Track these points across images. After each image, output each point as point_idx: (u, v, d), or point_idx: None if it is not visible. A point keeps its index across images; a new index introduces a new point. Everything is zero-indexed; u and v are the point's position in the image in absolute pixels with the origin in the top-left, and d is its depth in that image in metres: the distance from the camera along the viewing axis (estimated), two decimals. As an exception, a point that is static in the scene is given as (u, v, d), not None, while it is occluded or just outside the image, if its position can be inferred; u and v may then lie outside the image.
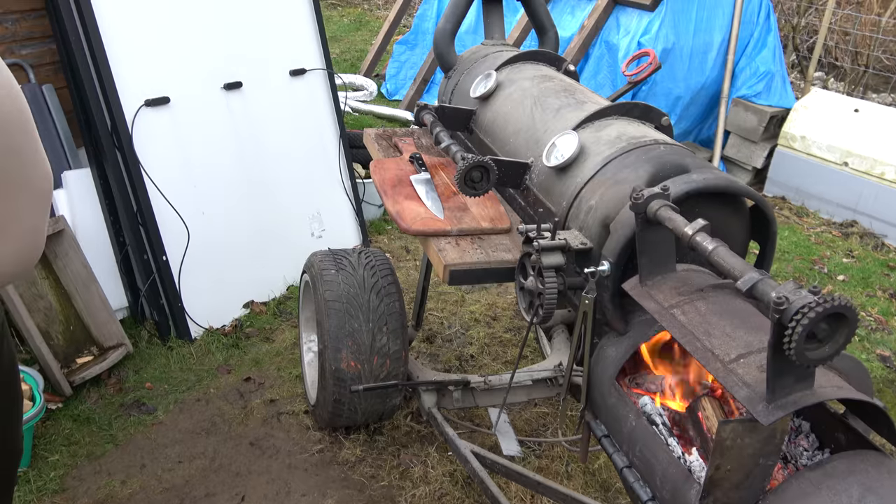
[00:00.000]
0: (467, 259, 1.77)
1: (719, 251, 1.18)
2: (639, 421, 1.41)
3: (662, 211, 1.31)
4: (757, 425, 1.08)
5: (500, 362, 3.18)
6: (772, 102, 5.21)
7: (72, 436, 2.62)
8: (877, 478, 1.12)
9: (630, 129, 1.75)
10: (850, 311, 0.98)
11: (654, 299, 1.38)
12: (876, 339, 3.61)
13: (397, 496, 2.45)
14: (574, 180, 1.69)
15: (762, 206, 1.54)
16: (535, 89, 2.09)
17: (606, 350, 1.55)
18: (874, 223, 4.75)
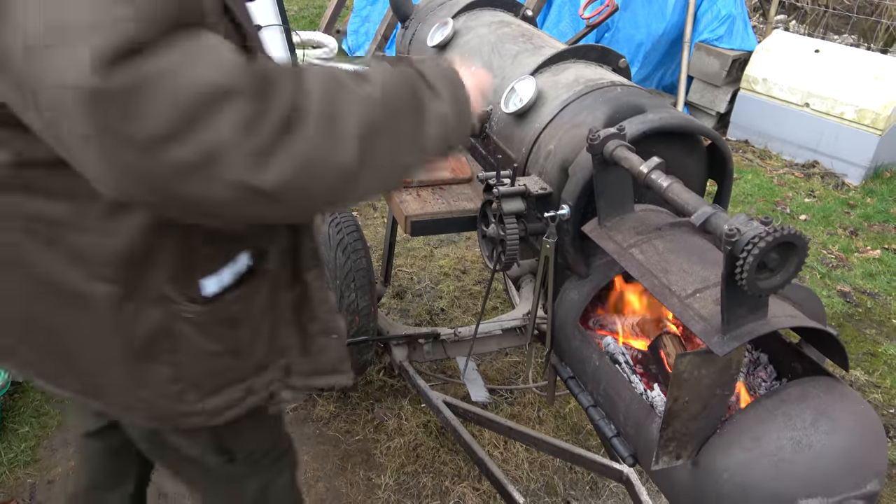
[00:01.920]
0: (429, 209, 1.76)
1: (674, 187, 1.19)
2: (602, 360, 1.44)
3: (618, 151, 1.31)
4: (712, 357, 1.10)
5: (470, 314, 3.20)
6: (734, 46, 5.21)
7: (41, 407, 2.59)
8: (829, 402, 1.15)
9: (587, 71, 1.74)
10: (800, 239, 1.00)
11: (613, 240, 1.39)
12: (837, 276, 3.70)
13: (372, 449, 2.47)
14: (532, 126, 1.68)
15: (718, 144, 1.55)
16: (493, 36, 2.06)
17: (569, 293, 1.57)
18: (835, 163, 4.82)
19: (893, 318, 3.39)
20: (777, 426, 1.13)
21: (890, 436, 2.68)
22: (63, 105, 0.74)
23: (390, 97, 0.96)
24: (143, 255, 1.03)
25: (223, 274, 1.12)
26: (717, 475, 1.16)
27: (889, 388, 2.92)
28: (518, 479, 2.39)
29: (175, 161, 0.78)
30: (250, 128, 0.80)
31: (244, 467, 1.48)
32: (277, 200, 0.86)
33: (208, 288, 1.11)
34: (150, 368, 1.14)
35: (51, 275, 1.05)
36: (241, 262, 1.16)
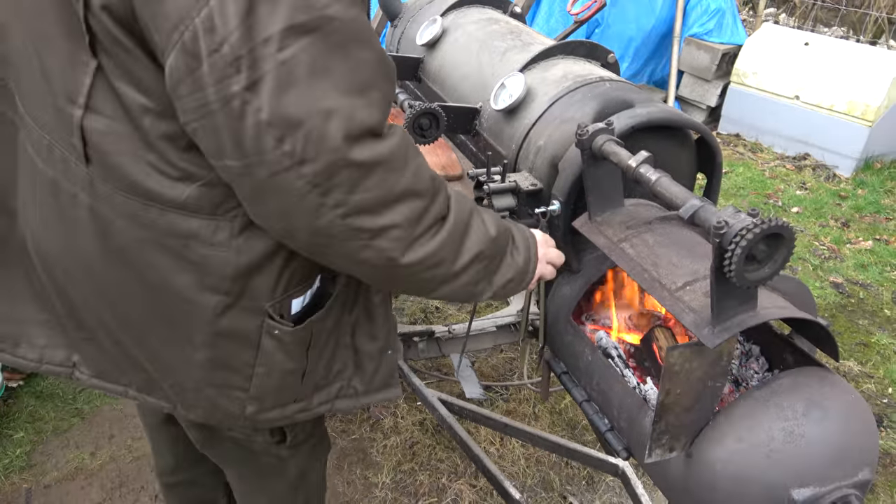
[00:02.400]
0: (420, 207, 1.76)
1: (662, 181, 1.19)
2: (595, 355, 1.44)
3: (607, 146, 1.32)
4: (703, 349, 1.10)
5: (464, 312, 3.20)
6: (723, 40, 5.22)
7: (36, 412, 2.59)
8: (820, 392, 1.16)
9: (576, 67, 1.74)
10: (787, 230, 1.00)
11: (603, 235, 1.39)
12: (829, 268, 3.72)
13: (369, 448, 2.48)
14: (522, 122, 1.69)
15: (706, 138, 1.56)
16: (481, 33, 2.06)
17: (561, 289, 1.57)
18: (826, 155, 4.84)
19: (885, 309, 3.41)
20: (769, 417, 1.13)
21: (883, 425, 2.69)
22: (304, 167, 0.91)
23: (499, 239, 1.18)
24: (257, 271, 1.11)
25: (306, 294, 1.22)
26: (710, 467, 1.16)
27: (882, 378, 2.94)
28: (514, 475, 2.40)
29: (358, 227, 0.97)
30: (416, 221, 1.01)
31: (289, 450, 1.54)
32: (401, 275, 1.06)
33: (294, 307, 1.21)
34: (225, 376, 1.21)
35: (165, 280, 1.10)
36: (317, 283, 1.25)
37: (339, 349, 1.33)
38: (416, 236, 1.02)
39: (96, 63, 0.97)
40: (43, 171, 1.10)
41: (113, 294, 1.16)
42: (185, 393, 1.24)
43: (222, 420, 1.29)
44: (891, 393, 2.86)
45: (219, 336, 1.16)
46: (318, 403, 1.34)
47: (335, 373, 1.34)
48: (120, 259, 1.11)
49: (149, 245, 1.08)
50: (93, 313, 1.21)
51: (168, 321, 1.15)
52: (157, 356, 1.21)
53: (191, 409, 1.27)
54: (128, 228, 1.07)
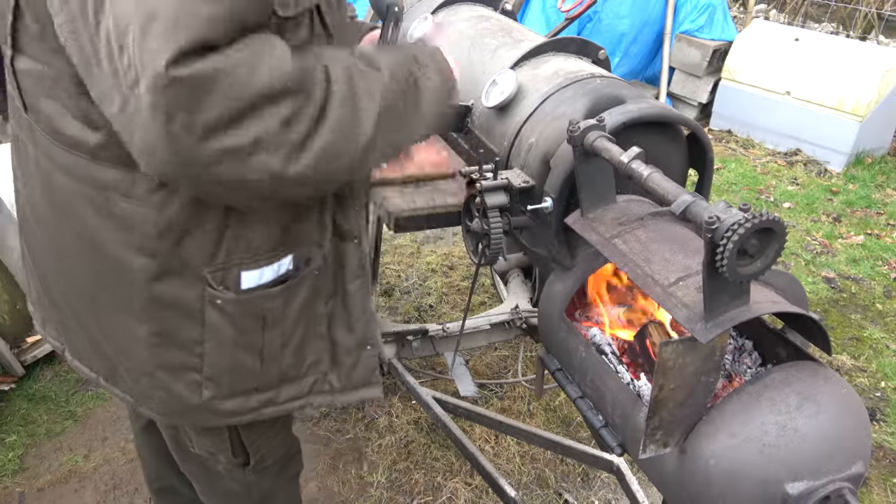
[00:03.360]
0: (412, 206, 1.75)
1: (654, 177, 1.19)
2: (588, 351, 1.44)
3: (598, 142, 1.31)
4: (696, 344, 1.10)
5: (458, 310, 3.20)
6: (714, 36, 5.24)
7: (28, 415, 2.57)
8: (813, 385, 1.16)
9: (567, 64, 1.74)
10: (779, 225, 1.00)
11: (596, 231, 1.39)
12: (821, 263, 3.73)
13: (364, 447, 2.47)
14: (514, 119, 1.68)
15: (697, 134, 1.56)
16: (472, 30, 2.06)
17: (554, 285, 1.57)
18: (816, 150, 4.86)
19: (878, 303, 3.42)
20: (762, 411, 1.14)
21: (876, 418, 2.71)
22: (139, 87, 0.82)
23: (396, 78, 1.06)
24: (184, 233, 1.06)
25: (264, 271, 1.15)
26: (704, 462, 1.16)
27: (875, 372, 2.95)
28: (510, 472, 2.40)
29: (222, 148, 0.87)
30: (289, 125, 0.91)
31: (254, 474, 1.49)
32: (302, 184, 0.96)
33: (246, 282, 1.14)
34: (174, 355, 1.16)
35: (96, 239, 1.07)
36: (285, 265, 1.18)
37: (311, 339, 1.27)
38: (299, 140, 0.92)
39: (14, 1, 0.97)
40: (14, 131, 1.12)
41: (64, 258, 1.14)
42: (140, 380, 1.20)
43: (180, 412, 1.24)
44: (883, 386, 2.88)
45: (157, 305, 1.11)
46: (288, 398, 1.29)
47: (308, 365, 1.29)
48: (62, 216, 1.09)
49: (80, 198, 1.06)
50: (56, 285, 1.20)
51: (107, 287, 1.12)
52: (108, 333, 1.18)
53: (146, 401, 1.23)
54: (64, 181, 1.06)
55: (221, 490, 1.53)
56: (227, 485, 1.51)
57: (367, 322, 1.32)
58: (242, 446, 1.42)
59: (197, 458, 1.46)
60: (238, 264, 1.13)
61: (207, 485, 1.55)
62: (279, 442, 1.52)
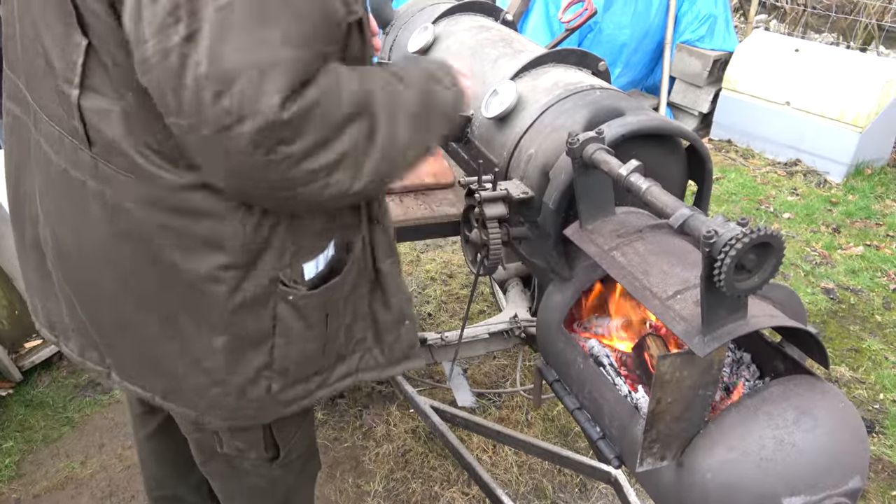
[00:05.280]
0: (411, 215, 1.76)
1: (652, 190, 1.19)
2: (586, 363, 1.44)
3: (598, 154, 1.32)
4: (694, 357, 1.10)
5: (457, 319, 3.20)
6: (715, 46, 5.25)
7: (25, 421, 2.57)
8: (810, 399, 1.16)
9: (566, 75, 1.75)
10: (776, 240, 1.00)
11: (594, 243, 1.39)
12: (820, 273, 3.73)
13: (361, 456, 2.47)
14: (513, 130, 1.69)
15: (696, 146, 1.56)
16: (473, 40, 2.06)
17: (553, 296, 1.57)
18: (816, 160, 4.87)
19: (877, 315, 3.42)
20: (759, 425, 1.13)
21: (875, 431, 2.70)
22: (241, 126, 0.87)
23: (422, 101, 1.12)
24: (263, 239, 1.11)
25: (319, 260, 1.22)
26: (701, 475, 1.16)
27: (873, 384, 2.95)
28: (507, 482, 2.39)
29: (311, 170, 0.94)
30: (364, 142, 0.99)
31: (280, 469, 1.52)
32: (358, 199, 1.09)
33: (307, 273, 1.20)
34: (248, 357, 1.20)
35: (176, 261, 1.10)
36: (330, 250, 1.24)
37: (357, 317, 1.33)
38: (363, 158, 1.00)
39: (87, 41, 0.98)
40: (56, 164, 1.12)
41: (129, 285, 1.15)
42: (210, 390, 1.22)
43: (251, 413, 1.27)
44: (882, 398, 2.87)
45: (235, 312, 1.15)
46: (339, 376, 1.34)
47: (356, 342, 1.35)
48: (131, 243, 1.11)
49: (157, 226, 1.08)
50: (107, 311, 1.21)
51: (184, 307, 1.15)
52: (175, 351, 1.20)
53: (212, 410, 1.25)
54: (136, 210, 1.07)
55: (247, 487, 1.55)
56: (252, 481, 1.54)
57: (401, 300, 1.37)
58: (273, 440, 1.46)
59: (224, 456, 1.48)
60: (301, 259, 1.18)
61: (232, 483, 1.57)
62: (304, 435, 1.55)
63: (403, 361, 1.43)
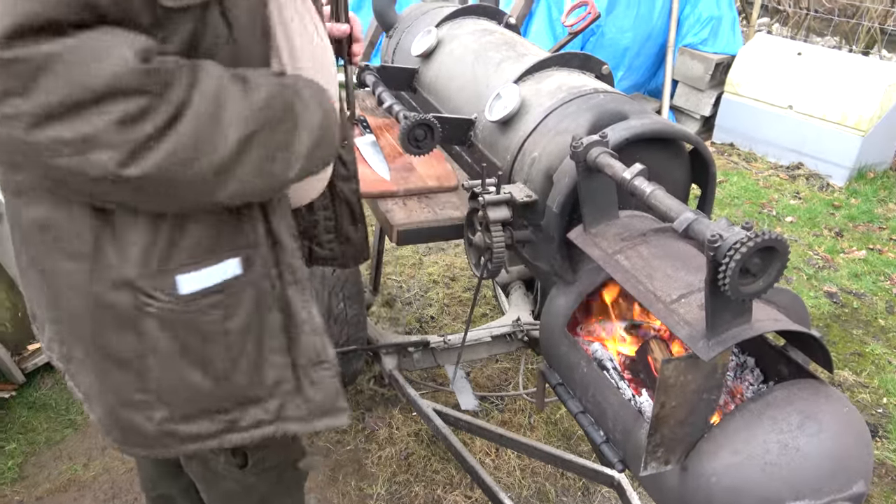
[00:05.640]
0: (415, 219, 1.76)
1: (656, 194, 1.19)
2: (590, 367, 1.44)
3: (601, 158, 1.32)
4: (698, 362, 1.10)
5: (460, 322, 3.20)
6: (718, 49, 5.25)
7: (28, 423, 2.57)
8: (814, 404, 1.16)
9: (570, 79, 1.75)
10: (781, 244, 1.00)
11: (598, 247, 1.39)
12: (823, 277, 3.73)
13: (363, 459, 2.47)
14: (517, 133, 1.69)
15: (700, 149, 1.56)
16: (476, 44, 2.07)
17: (556, 300, 1.57)
18: (819, 164, 4.86)
19: (880, 318, 3.41)
20: (764, 430, 1.13)
21: (878, 435, 2.70)
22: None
23: (272, 107, 1.02)
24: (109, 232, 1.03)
25: (203, 273, 1.09)
26: (705, 480, 1.16)
27: (877, 388, 2.94)
28: (510, 486, 2.39)
29: (55, 138, 0.85)
30: (130, 124, 0.88)
31: (254, 476, 1.46)
32: (140, 189, 0.94)
33: (185, 286, 1.08)
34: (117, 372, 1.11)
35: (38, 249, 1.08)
36: (230, 266, 1.12)
37: (269, 354, 1.20)
38: (139, 142, 0.89)
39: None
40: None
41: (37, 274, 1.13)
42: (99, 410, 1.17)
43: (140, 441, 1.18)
44: (885, 403, 2.87)
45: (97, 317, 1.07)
46: (254, 422, 1.21)
47: (272, 384, 1.21)
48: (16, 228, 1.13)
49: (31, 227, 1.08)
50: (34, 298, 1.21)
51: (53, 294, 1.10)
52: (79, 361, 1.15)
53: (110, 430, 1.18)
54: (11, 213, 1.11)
55: (223, 490, 1.52)
56: (228, 485, 1.49)
57: (313, 333, 1.23)
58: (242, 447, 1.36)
59: (199, 458, 1.43)
60: (174, 269, 1.07)
61: (210, 485, 1.54)
62: (279, 445, 1.46)
63: (324, 417, 1.27)
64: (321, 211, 1.49)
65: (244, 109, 0.98)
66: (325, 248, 1.52)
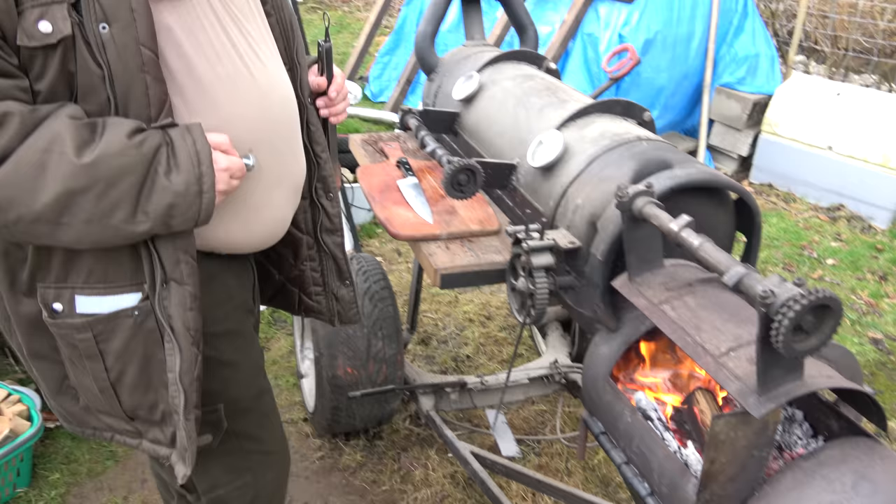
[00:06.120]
0: (458, 262, 1.77)
1: (705, 247, 1.19)
2: (634, 416, 1.43)
3: (647, 208, 1.33)
4: (749, 418, 1.09)
5: (496, 361, 3.19)
6: (755, 89, 5.24)
7: (71, 454, 2.61)
8: (869, 464, 1.13)
9: (613, 126, 1.77)
10: (835, 302, 0.99)
11: (643, 296, 1.39)
12: (867, 323, 3.64)
13: (399, 500, 2.45)
14: (560, 180, 1.71)
15: (746, 199, 1.56)
16: (518, 89, 2.10)
17: (599, 347, 1.57)
18: (860, 206, 4.79)
19: (927, 365, 3.32)
20: (816, 489, 1.11)
21: (929, 488, 2.60)
22: None
23: (102, 165, 1.06)
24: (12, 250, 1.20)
25: (103, 300, 1.22)
26: (755, 538, 1.14)
27: (926, 439, 2.85)
28: (546, 531, 2.36)
29: None
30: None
31: None
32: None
33: (83, 307, 1.22)
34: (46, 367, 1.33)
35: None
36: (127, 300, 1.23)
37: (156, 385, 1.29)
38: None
39: None
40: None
41: None
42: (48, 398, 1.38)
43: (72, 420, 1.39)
44: (935, 454, 2.77)
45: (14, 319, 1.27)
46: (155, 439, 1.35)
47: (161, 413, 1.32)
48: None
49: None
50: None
51: None
52: None
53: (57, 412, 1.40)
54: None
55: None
56: None
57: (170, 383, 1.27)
58: None
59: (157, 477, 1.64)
60: (71, 287, 1.21)
61: None
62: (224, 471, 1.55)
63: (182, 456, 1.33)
64: (307, 262, 1.58)
65: (69, 165, 1.04)
66: (313, 299, 1.61)
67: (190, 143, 1.14)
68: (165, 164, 1.11)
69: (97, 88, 1.08)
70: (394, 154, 2.35)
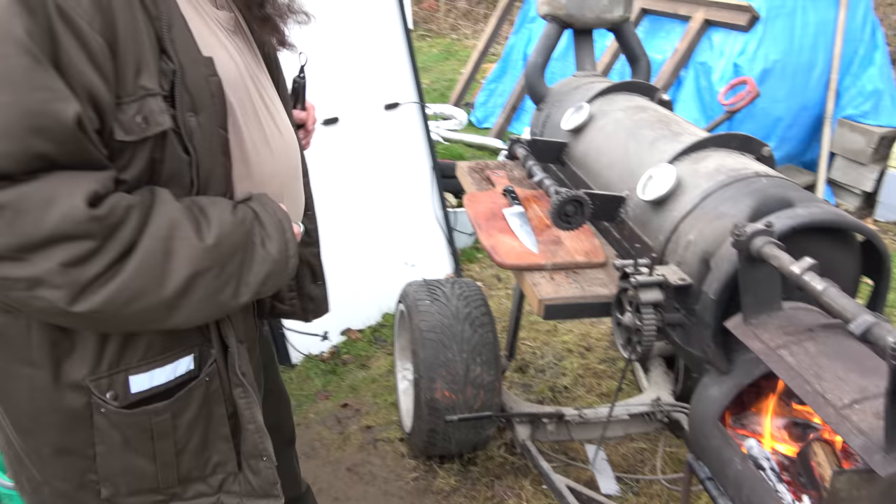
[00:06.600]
0: (562, 293, 1.77)
1: (830, 292, 1.14)
2: (745, 464, 1.37)
3: (767, 248, 1.28)
4: (874, 476, 1.03)
5: (594, 394, 3.13)
6: (881, 122, 4.94)
7: None
8: None
9: (729, 160, 1.72)
10: (978, 358, 0.93)
11: (759, 339, 1.34)
12: None
13: (491, 529, 2.44)
14: (671, 214, 1.67)
15: (874, 242, 1.47)
16: (629, 121, 2.08)
17: (709, 389, 1.51)
18: None
19: None
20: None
21: None
22: None
23: (223, 245, 1.10)
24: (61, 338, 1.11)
25: (155, 374, 1.18)
26: None
27: None
28: (642, 575, 2.28)
29: (4, 276, 0.95)
30: (75, 267, 0.96)
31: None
32: (88, 320, 1.02)
33: (136, 385, 1.17)
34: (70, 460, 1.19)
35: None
36: (183, 365, 1.21)
37: (215, 441, 1.28)
38: (85, 282, 0.97)
39: None
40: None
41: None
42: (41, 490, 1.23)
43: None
44: None
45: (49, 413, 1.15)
46: (196, 494, 1.29)
47: (214, 464, 1.30)
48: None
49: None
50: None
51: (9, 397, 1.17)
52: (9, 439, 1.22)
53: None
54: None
55: None
56: None
57: (256, 432, 1.31)
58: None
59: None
60: (125, 370, 1.15)
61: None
62: None
63: (260, 499, 1.34)
64: None
65: (195, 248, 1.06)
66: (286, 304, 1.58)
67: (272, 213, 1.20)
68: (259, 236, 1.16)
69: (183, 173, 1.12)
70: (500, 182, 2.38)
